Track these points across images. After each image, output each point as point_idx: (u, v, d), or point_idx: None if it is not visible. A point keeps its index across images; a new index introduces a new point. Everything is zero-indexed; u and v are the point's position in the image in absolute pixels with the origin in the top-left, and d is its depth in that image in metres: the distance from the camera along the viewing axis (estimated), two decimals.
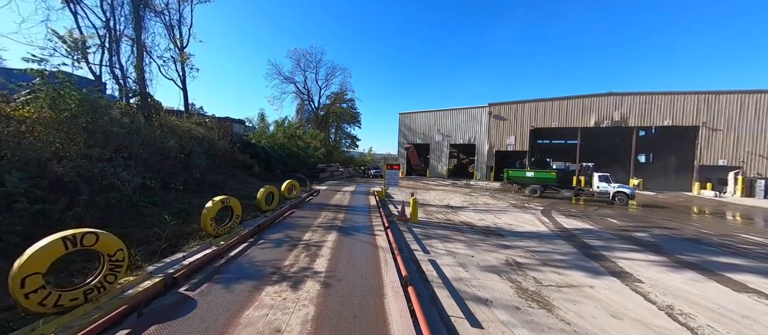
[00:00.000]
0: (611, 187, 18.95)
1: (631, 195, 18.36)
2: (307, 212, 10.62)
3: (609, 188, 18.98)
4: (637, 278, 6.37)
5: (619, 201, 18.25)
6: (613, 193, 18.68)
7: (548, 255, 7.73)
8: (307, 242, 6.67)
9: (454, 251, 7.60)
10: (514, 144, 34.89)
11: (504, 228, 10.57)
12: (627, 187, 19.09)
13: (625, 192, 18.41)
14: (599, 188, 19.51)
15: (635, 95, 30.21)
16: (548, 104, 33.48)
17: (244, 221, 9.17)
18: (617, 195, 18.53)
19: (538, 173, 22.14)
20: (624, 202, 18.12)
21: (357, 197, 15.63)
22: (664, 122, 29.18)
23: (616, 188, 18.81)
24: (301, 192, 15.97)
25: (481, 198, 19.49)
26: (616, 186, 18.94)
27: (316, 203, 13.10)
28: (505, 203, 17.60)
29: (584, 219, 12.83)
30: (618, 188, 18.80)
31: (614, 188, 18.83)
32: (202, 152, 14.23)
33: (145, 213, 8.33)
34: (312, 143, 33.32)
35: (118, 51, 13.21)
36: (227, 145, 17.96)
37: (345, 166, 44.67)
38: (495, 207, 15.69)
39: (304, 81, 45.17)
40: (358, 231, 7.99)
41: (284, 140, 24.41)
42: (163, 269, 5.14)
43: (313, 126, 43.17)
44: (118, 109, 11.20)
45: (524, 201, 18.58)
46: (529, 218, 12.62)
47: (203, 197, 11.76)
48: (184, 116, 16.70)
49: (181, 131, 14.00)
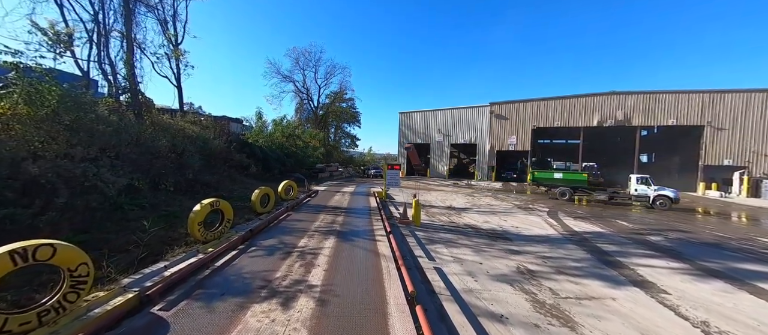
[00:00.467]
0: (651, 190, 17.16)
1: (676, 199, 16.48)
2: (304, 215, 10.07)
3: (649, 192, 17.19)
4: (661, 288, 5.83)
5: (661, 206, 16.45)
6: (653, 196, 16.89)
7: (561, 261, 7.20)
8: (302, 250, 6.11)
9: (461, 257, 7.06)
10: (515, 144, 34.36)
11: (511, 231, 10.03)
12: (670, 190, 17.16)
13: (668, 196, 16.55)
14: (637, 192, 17.68)
15: (639, 94, 29.70)
16: (550, 103, 32.96)
17: (237, 224, 8.61)
18: (658, 199, 16.72)
19: (568, 174, 20.68)
20: (666, 206, 16.34)
21: (357, 198, 15.09)
22: (668, 121, 28.66)
23: (658, 191, 16.96)
24: (298, 193, 15.41)
25: (484, 199, 18.95)
26: (656, 189, 17.15)
27: (314, 205, 12.56)
28: (509, 204, 17.07)
29: (593, 221, 12.29)
30: (659, 191, 16.94)
31: (655, 191, 17.03)
32: (195, 152, 13.66)
33: (130, 217, 7.77)
34: (311, 143, 32.76)
35: (108, 46, 12.62)
36: (223, 144, 17.39)
37: (344, 166, 44.11)
38: (499, 208, 15.15)
39: (303, 80, 44.63)
40: (358, 236, 7.44)
41: (282, 140, 23.84)
42: (141, 281, 4.59)
43: (312, 126, 42.59)
44: (105, 106, 10.62)
45: (528, 202, 18.05)
46: (535, 221, 12.09)
47: (196, 198, 11.19)
48: (178, 115, 16.12)
49: (174, 130, 13.43)
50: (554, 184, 20.62)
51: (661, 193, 16.81)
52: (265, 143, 20.84)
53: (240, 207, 10.85)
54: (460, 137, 37.77)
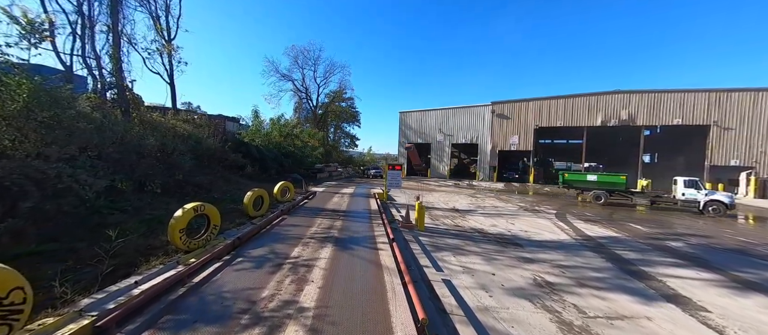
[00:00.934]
0: (702, 194, 15.44)
1: (731, 205, 14.76)
2: (300, 219, 9.37)
3: (699, 196, 15.46)
4: (699, 304, 5.16)
5: (715, 212, 14.71)
6: (704, 201, 15.12)
7: (580, 271, 6.53)
8: (295, 261, 5.42)
9: (471, 267, 6.39)
10: (517, 144, 33.72)
11: (520, 236, 9.36)
12: (724, 194, 15.62)
13: (723, 201, 14.80)
14: (684, 196, 15.98)
15: (643, 93, 29.07)
16: (553, 103, 32.31)
17: (227, 230, 7.92)
18: (710, 204, 14.89)
19: (603, 176, 18.85)
20: (720, 213, 14.61)
21: (356, 200, 14.40)
22: (673, 120, 28.04)
23: (709, 195, 15.22)
24: (295, 195, 14.72)
25: (488, 200, 18.29)
26: (707, 193, 15.49)
27: (311, 207, 11.87)
28: (514, 205, 16.40)
29: (605, 225, 11.64)
30: (711, 195, 15.21)
31: (706, 195, 15.29)
32: (187, 151, 12.97)
33: (110, 222, 7.06)
34: (310, 143, 32.06)
35: (93, 39, 11.90)
36: (217, 144, 16.70)
37: (344, 166, 43.42)
38: (505, 210, 14.49)
39: (302, 79, 43.92)
40: (358, 244, 6.74)
41: (280, 139, 23.14)
42: (103, 303, 3.90)
43: (311, 125, 41.88)
44: (88, 102, 9.93)
45: (534, 203, 17.39)
46: (545, 224, 11.42)
47: (186, 200, 10.47)
48: (169, 113, 15.42)
49: (164, 128, 12.74)
50: (587, 187, 18.99)
51: (714, 198, 15.03)
52: (262, 142, 20.14)
53: (232, 210, 10.16)
54: (461, 136, 37.12)
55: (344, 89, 46.16)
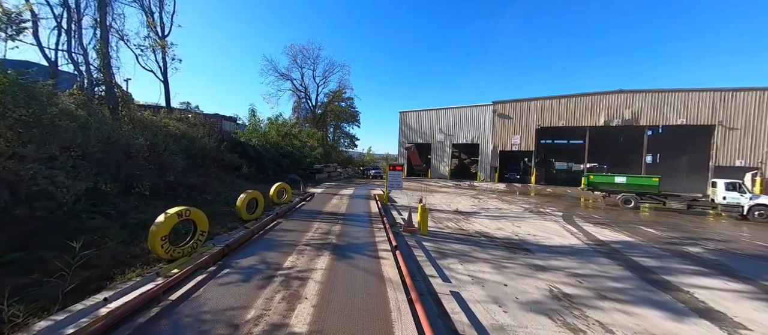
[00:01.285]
0: (746, 198, 14.29)
1: None
2: (297, 224, 8.82)
3: (742, 200, 14.32)
4: (735, 321, 4.65)
5: (760, 217, 13.66)
6: (748, 206, 13.92)
7: (598, 281, 6.01)
8: (287, 273, 4.88)
9: (480, 276, 5.86)
10: (519, 144, 33.23)
11: (529, 241, 8.84)
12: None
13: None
14: (726, 199, 14.82)
15: (647, 93, 28.60)
16: (555, 102, 31.82)
17: (217, 235, 7.40)
18: (756, 209, 13.75)
19: (634, 178, 17.40)
20: (766, 218, 13.60)
21: (356, 202, 13.86)
22: (677, 120, 27.57)
23: (754, 199, 14.06)
24: (292, 196, 14.17)
25: (491, 201, 17.77)
26: (751, 197, 14.29)
27: (308, 210, 11.31)
28: (518, 207, 15.89)
29: (615, 228, 11.12)
30: (756, 199, 14.04)
31: (750, 199, 14.11)
32: (179, 151, 12.42)
33: (89, 227, 6.52)
34: (309, 142, 31.53)
35: (80, 33, 11.32)
36: (213, 143, 16.15)
37: (343, 166, 42.88)
38: (509, 212, 13.97)
39: (301, 78, 43.32)
40: (358, 252, 6.20)
41: (278, 139, 22.58)
42: (62, 326, 3.36)
43: (310, 125, 41.33)
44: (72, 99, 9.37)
45: (538, 205, 16.88)
46: (553, 227, 10.91)
47: (176, 202, 9.96)
48: (162, 111, 14.87)
49: (155, 127, 12.19)
50: (615, 190, 17.47)
51: (759, 202, 13.93)
52: (259, 142, 19.57)
53: (225, 213, 9.63)
54: (462, 136, 36.61)
55: (344, 88, 45.66)
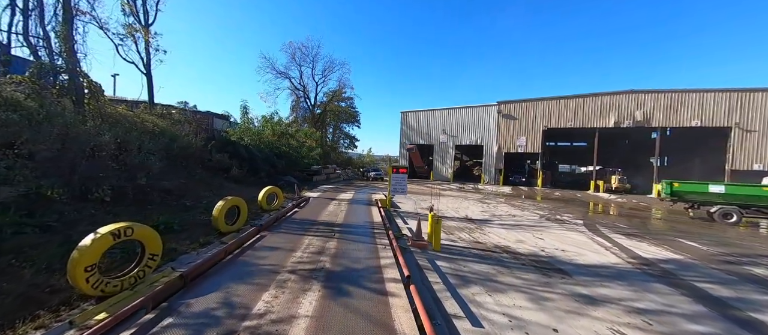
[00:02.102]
0: None
1: None
2: (284, 238, 7.28)
3: None
4: None
5: None
6: None
7: (671, 320, 4.58)
8: (256, 326, 3.33)
9: (518, 314, 4.43)
10: (525, 145, 31.86)
11: (560, 258, 7.42)
12: None
13: None
14: None
15: (659, 93, 27.29)
16: (563, 103, 30.49)
17: (184, 254, 5.94)
18: None
19: (736, 188, 14.17)
20: None
21: (356, 208, 12.40)
22: (692, 122, 26.25)
23: None
24: (285, 202, 12.71)
25: (500, 207, 16.35)
26: None
27: (301, 219, 9.79)
28: (532, 213, 14.47)
29: (652, 241, 9.69)
30: None
31: None
32: (158, 150, 10.97)
33: (8, 247, 5.04)
34: (307, 143, 30.06)
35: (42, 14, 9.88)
36: (199, 142, 14.69)
37: (343, 168, 41.42)
38: (524, 220, 12.55)
39: (300, 76, 41.85)
40: (358, 285, 4.66)
41: (273, 139, 21.13)
42: None
43: (309, 125, 39.86)
44: (15, 86, 7.93)
45: (552, 210, 15.45)
46: (579, 239, 9.48)
47: (146, 210, 8.51)
48: (141, 106, 13.43)
49: (129, 123, 10.74)
50: (707, 200, 14.30)
51: None
52: (251, 141, 18.11)
53: (203, 223, 8.17)
54: (465, 138, 35.22)
55: (344, 86, 44.08)
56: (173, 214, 8.58)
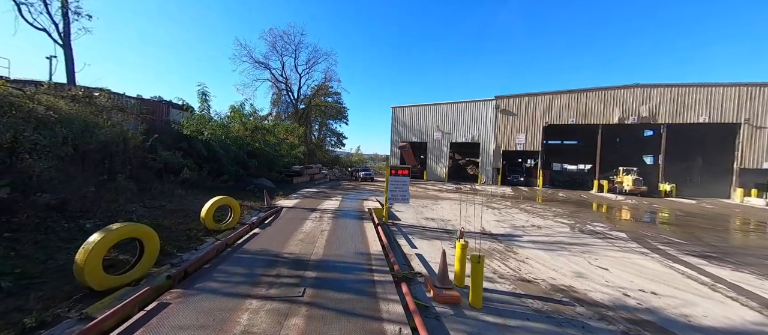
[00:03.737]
0: None
1: None
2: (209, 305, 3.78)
3: None
4: None
5: None
6: None
7: None
8: None
9: None
10: (524, 143, 29.55)
11: (665, 313, 4.63)
12: None
13: None
14: None
15: (666, 87, 25.50)
16: (564, 97, 28.33)
17: None
18: None
19: None
20: None
21: (343, 225, 9.17)
22: (699, 118, 24.58)
23: None
24: (246, 216, 9.39)
25: (514, 213, 13.60)
26: None
27: (255, 251, 6.02)
28: (556, 222, 11.79)
29: (747, 267, 7.06)
30: None
31: None
32: (58, 145, 7.42)
33: None
34: (289, 139, 26.48)
35: None
36: (139, 136, 11.09)
37: (329, 167, 38.00)
38: (555, 233, 9.82)
39: (282, 68, 37.91)
40: None
41: (245, 133, 17.57)
42: None
43: (292, 120, 36.13)
44: None
45: (576, 217, 12.79)
46: (655, 268, 6.74)
47: (10, 240, 5.06)
48: (45, 86, 9.70)
49: (8, 104, 7.14)
50: None
51: None
52: (215, 136, 14.48)
53: None
54: (461, 135, 32.60)
55: (330, 78, 40.27)
56: (39, 249, 5.16)
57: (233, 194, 11.97)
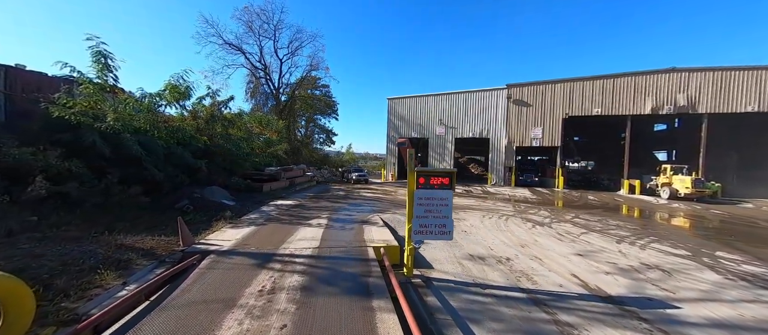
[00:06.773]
0: None
1: None
2: None
3: None
4: None
5: None
6: None
7: None
8: None
9: None
10: (541, 138, 25.28)
11: None
12: None
13: None
14: None
15: (707, 71, 21.62)
16: (587, 85, 24.16)
17: None
18: None
19: None
20: None
21: (322, 305, 4.19)
22: (746, 107, 20.80)
23: None
24: (102, 295, 4.33)
25: (583, 235, 8.89)
26: None
27: None
28: (646, 252, 7.13)
29: None
30: None
31: None
32: None
33: None
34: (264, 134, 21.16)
35: None
36: None
37: (318, 167, 32.76)
38: (718, 288, 5.11)
39: (260, 53, 32.26)
40: None
41: (192, 123, 12.28)
42: None
43: (273, 113, 30.67)
44: None
45: (687, 247, 8.21)
46: None
47: None
48: None
49: None
50: None
51: None
52: (127, 122, 8.93)
53: None
54: (467, 129, 28.04)
55: (317, 65, 34.46)
56: None
57: (146, 217, 6.79)
